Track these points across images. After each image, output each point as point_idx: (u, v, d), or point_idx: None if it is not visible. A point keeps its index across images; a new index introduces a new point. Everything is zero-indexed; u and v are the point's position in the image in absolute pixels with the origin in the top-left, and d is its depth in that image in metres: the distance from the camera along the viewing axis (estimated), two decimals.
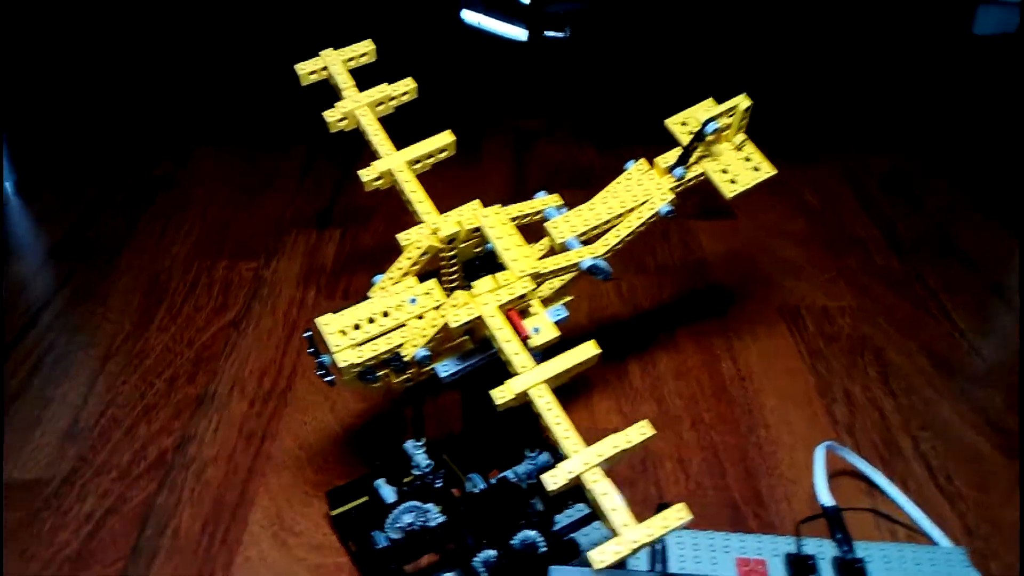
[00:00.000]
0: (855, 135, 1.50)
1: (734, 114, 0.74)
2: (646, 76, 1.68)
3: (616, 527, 0.57)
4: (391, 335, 0.67)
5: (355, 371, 0.67)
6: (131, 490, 0.86)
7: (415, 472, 0.76)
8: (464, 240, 0.71)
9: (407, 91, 0.79)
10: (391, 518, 0.73)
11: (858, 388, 0.98)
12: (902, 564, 0.67)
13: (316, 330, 0.67)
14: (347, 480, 0.81)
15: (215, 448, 0.90)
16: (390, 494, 0.76)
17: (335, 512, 0.80)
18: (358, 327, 0.67)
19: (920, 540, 0.79)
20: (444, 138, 0.75)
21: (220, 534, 0.81)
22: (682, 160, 0.75)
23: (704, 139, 0.74)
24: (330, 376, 0.69)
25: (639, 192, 0.75)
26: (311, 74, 0.79)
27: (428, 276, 0.73)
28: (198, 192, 1.36)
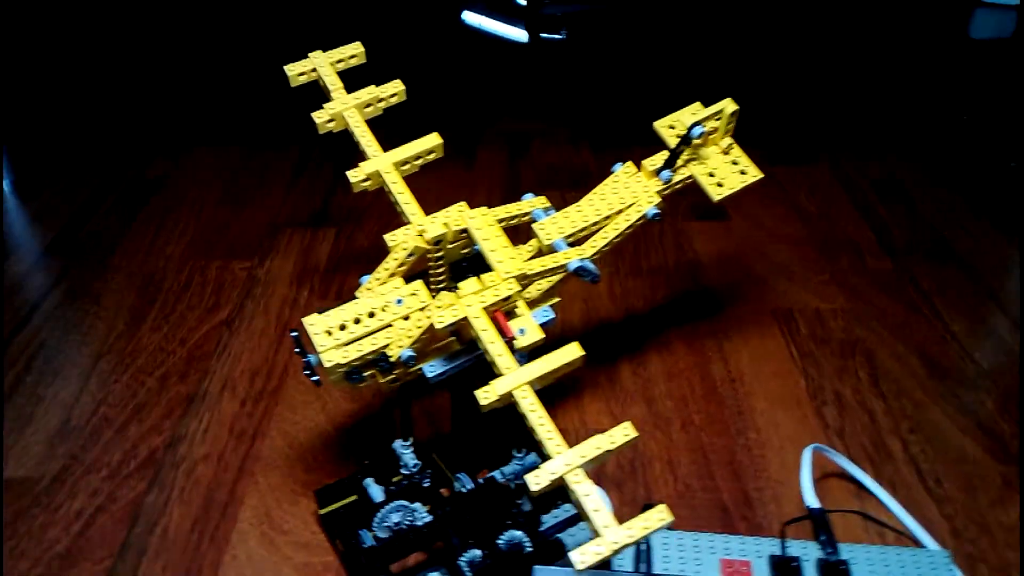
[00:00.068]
0: (851, 138, 1.49)
1: (721, 118, 0.74)
2: (642, 78, 1.68)
3: (598, 528, 0.57)
4: (377, 336, 0.67)
5: (340, 371, 0.67)
6: (121, 488, 0.86)
7: (403, 472, 0.77)
8: (451, 241, 0.71)
9: (395, 93, 0.79)
10: (379, 517, 0.73)
11: (849, 391, 0.97)
12: (886, 566, 0.68)
13: (302, 330, 0.68)
14: (337, 479, 0.81)
15: (205, 447, 0.90)
16: (378, 493, 0.76)
17: (323, 511, 0.80)
18: (344, 327, 0.67)
19: (907, 542, 0.79)
20: (431, 140, 0.75)
21: (209, 532, 0.81)
22: (669, 163, 0.75)
23: (691, 143, 0.74)
24: (316, 376, 0.69)
25: (626, 195, 0.75)
26: (300, 75, 0.80)
27: (417, 277, 0.73)
28: (192, 191, 1.36)
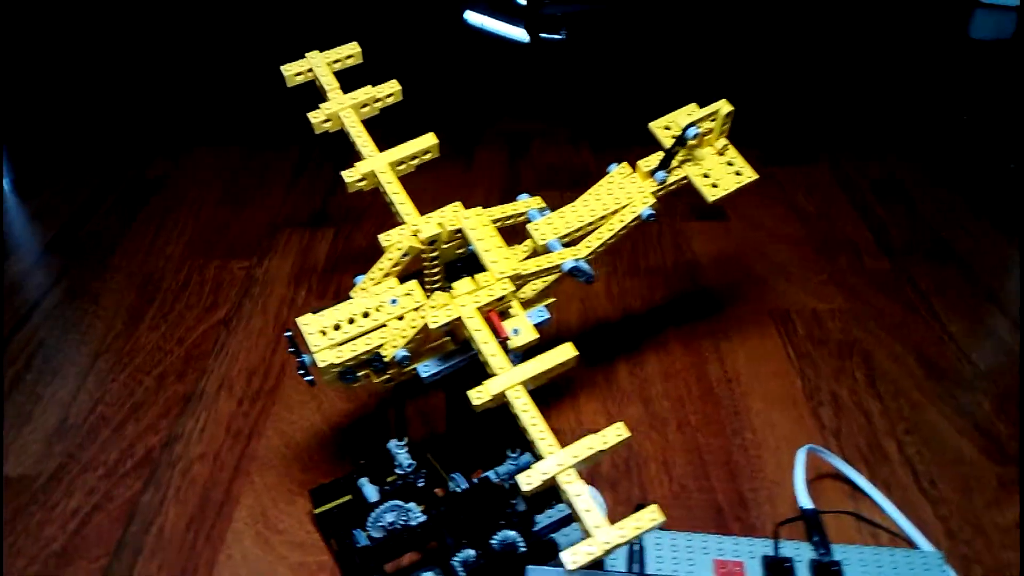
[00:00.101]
0: (851, 138, 1.49)
1: (716, 119, 0.74)
2: (642, 78, 1.68)
3: (589, 528, 0.57)
4: (371, 336, 0.67)
5: (334, 371, 0.67)
6: (118, 487, 0.86)
7: (398, 472, 0.77)
8: (446, 242, 0.71)
9: (392, 93, 0.79)
10: (373, 517, 0.73)
11: (845, 391, 0.97)
12: (878, 567, 0.68)
13: (297, 330, 0.68)
14: (332, 479, 0.82)
15: (202, 446, 0.90)
16: (373, 493, 0.76)
17: (318, 510, 0.80)
18: (338, 327, 0.67)
19: (901, 543, 0.79)
20: (427, 140, 0.75)
21: (204, 531, 0.82)
22: (664, 164, 0.75)
23: (685, 143, 0.74)
24: (310, 376, 0.69)
25: (621, 195, 0.75)
26: (297, 75, 0.80)
27: (412, 277, 0.73)
28: (192, 191, 1.36)
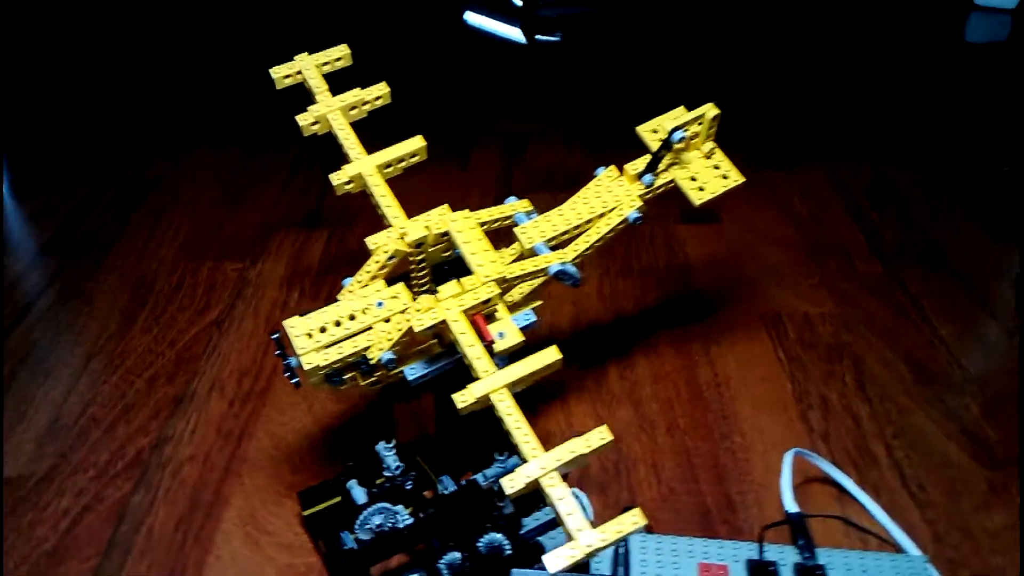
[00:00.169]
0: (845, 141, 1.49)
1: (702, 122, 0.74)
2: (638, 81, 1.68)
3: (571, 531, 0.57)
4: (357, 338, 0.68)
5: (320, 373, 0.67)
6: (108, 488, 0.86)
7: (386, 474, 0.77)
8: (432, 244, 0.71)
9: (380, 96, 0.79)
10: (361, 519, 0.74)
11: (834, 395, 0.98)
12: (863, 571, 0.68)
13: (284, 332, 0.68)
14: (321, 481, 0.82)
15: (192, 448, 0.91)
16: (361, 495, 0.76)
17: (306, 512, 0.80)
18: (324, 330, 0.68)
19: (888, 547, 0.79)
20: (415, 143, 0.75)
21: (193, 533, 0.82)
22: (651, 167, 0.75)
23: (672, 147, 0.74)
24: (296, 378, 0.70)
25: (608, 198, 0.75)
26: (286, 78, 0.80)
27: (399, 280, 0.74)
28: (188, 192, 1.36)
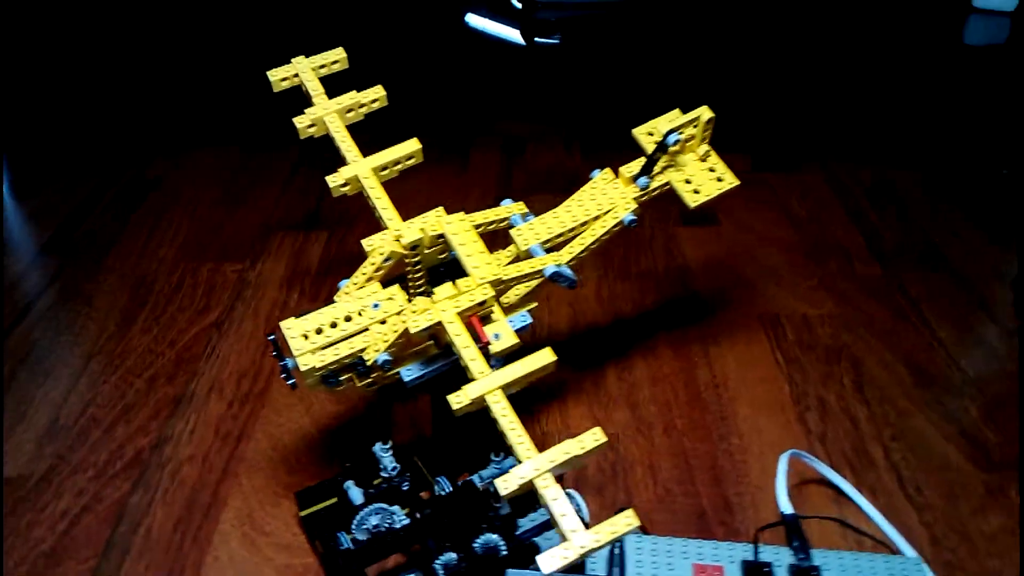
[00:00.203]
0: (845, 143, 1.49)
1: (697, 125, 0.75)
2: (637, 83, 1.68)
3: (564, 532, 0.58)
4: (353, 340, 0.68)
5: (317, 375, 0.68)
6: (106, 488, 0.87)
7: (383, 475, 0.77)
8: (428, 247, 0.72)
9: (376, 98, 0.80)
10: (357, 519, 0.74)
11: (833, 397, 0.98)
12: (857, 572, 0.68)
13: (280, 334, 0.69)
14: (319, 481, 0.82)
15: (191, 448, 0.91)
16: (358, 496, 0.77)
17: (304, 513, 0.81)
18: (320, 331, 0.68)
19: (884, 550, 0.79)
20: (410, 145, 0.76)
21: (192, 533, 0.82)
22: (646, 170, 0.75)
23: (667, 150, 0.74)
24: (292, 379, 0.70)
25: (604, 201, 0.76)
26: (283, 80, 0.81)
27: (396, 281, 0.74)
28: (189, 192, 1.37)
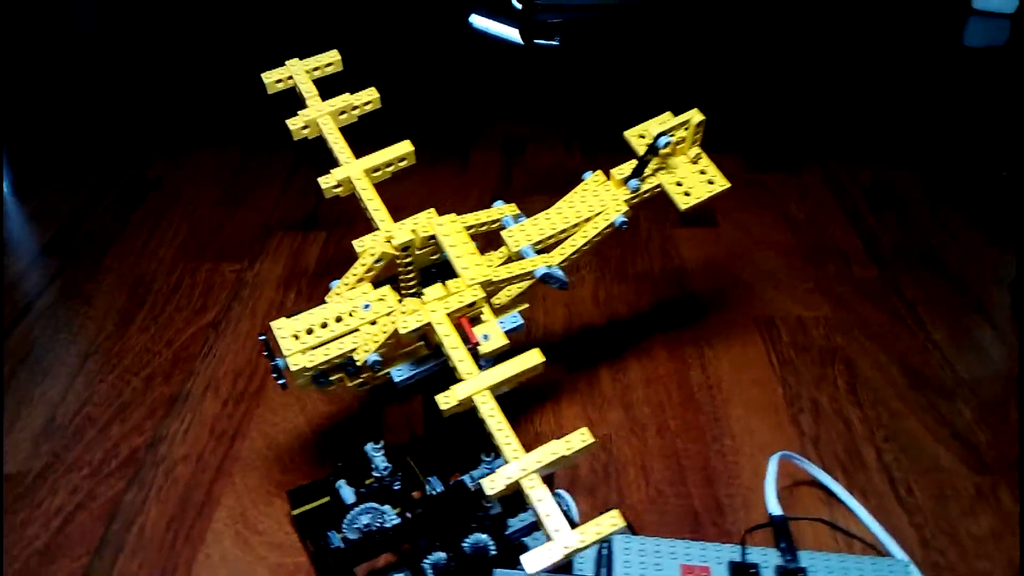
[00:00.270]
0: (844, 145, 1.49)
1: (688, 127, 0.75)
2: (636, 84, 1.69)
3: (549, 532, 0.58)
4: (343, 340, 0.68)
5: (307, 375, 0.68)
6: (101, 487, 0.87)
7: (374, 474, 0.78)
8: (420, 248, 0.72)
9: (369, 101, 0.80)
10: (348, 519, 0.74)
11: (826, 399, 0.98)
12: (844, 574, 0.68)
13: (271, 334, 0.69)
14: (312, 480, 0.83)
15: (186, 447, 0.92)
16: (350, 495, 0.77)
17: (296, 512, 0.81)
18: (311, 331, 0.68)
19: (873, 551, 0.79)
20: (403, 147, 0.76)
21: (184, 531, 0.83)
22: (637, 172, 0.75)
23: (658, 152, 0.75)
24: (283, 379, 0.70)
25: (595, 203, 0.76)
26: (277, 82, 0.81)
27: (388, 282, 0.74)
28: (188, 192, 1.37)
